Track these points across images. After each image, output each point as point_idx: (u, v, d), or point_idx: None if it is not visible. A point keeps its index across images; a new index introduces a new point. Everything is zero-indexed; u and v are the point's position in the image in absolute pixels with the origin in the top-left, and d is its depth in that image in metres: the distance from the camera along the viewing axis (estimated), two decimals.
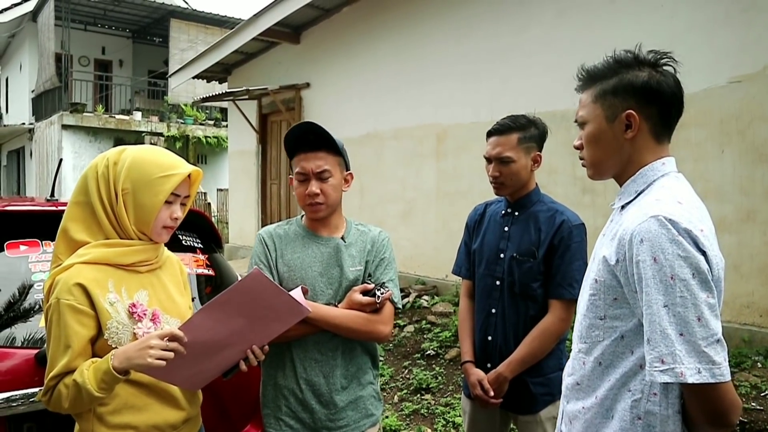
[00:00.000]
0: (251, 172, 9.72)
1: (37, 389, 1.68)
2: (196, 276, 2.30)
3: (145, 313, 1.51)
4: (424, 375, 4.27)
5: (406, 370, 4.49)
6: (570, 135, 4.24)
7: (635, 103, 1.26)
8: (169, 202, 1.53)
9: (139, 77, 18.45)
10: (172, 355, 1.37)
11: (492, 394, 2.01)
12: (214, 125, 16.29)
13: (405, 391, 4.17)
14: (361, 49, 7.31)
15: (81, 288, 1.43)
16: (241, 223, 10.12)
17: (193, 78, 10.52)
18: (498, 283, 2.09)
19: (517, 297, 2.05)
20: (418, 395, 4.08)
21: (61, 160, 3.01)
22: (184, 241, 2.36)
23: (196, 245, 2.42)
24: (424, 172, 6.48)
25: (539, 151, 2.09)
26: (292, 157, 1.86)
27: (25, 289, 1.98)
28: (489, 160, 2.09)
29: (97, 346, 1.46)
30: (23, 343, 1.90)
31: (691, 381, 1.07)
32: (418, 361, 4.61)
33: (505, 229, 2.11)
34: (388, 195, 6.96)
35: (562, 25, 5.07)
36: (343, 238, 1.88)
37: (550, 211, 2.06)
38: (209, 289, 2.36)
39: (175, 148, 14.48)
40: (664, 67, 1.29)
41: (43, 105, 16.59)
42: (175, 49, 15.80)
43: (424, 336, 5.01)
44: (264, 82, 8.67)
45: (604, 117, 1.30)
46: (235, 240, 10.28)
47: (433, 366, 4.47)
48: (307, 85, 8.28)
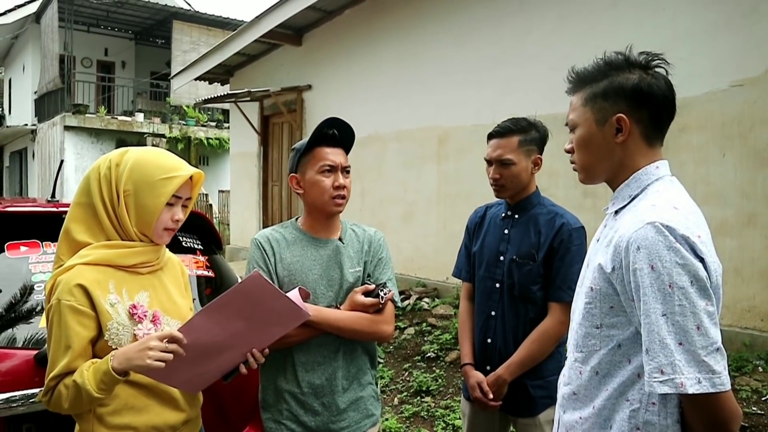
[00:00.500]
0: (253, 174, 9.72)
1: (37, 390, 1.68)
2: (196, 277, 2.30)
3: (145, 315, 1.51)
4: (424, 377, 4.27)
5: (407, 373, 4.49)
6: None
7: (626, 107, 1.23)
8: (170, 204, 1.54)
9: (141, 79, 18.49)
10: (171, 356, 1.37)
11: (491, 396, 2.01)
12: (216, 127, 16.32)
13: (405, 393, 4.17)
14: (363, 51, 7.31)
15: (82, 289, 1.43)
16: (243, 225, 10.13)
17: (195, 79, 10.54)
18: (498, 285, 2.09)
19: (517, 300, 2.04)
20: (418, 398, 4.08)
21: (62, 161, 3.01)
22: (184, 243, 2.36)
23: (196, 246, 2.43)
24: (425, 174, 6.48)
25: (540, 153, 2.09)
26: (309, 150, 1.81)
27: (26, 290, 1.99)
28: (489, 162, 2.09)
29: (98, 347, 1.46)
30: (23, 344, 1.91)
31: (691, 391, 1.05)
32: (419, 363, 4.61)
33: (505, 231, 2.11)
34: (389, 197, 6.96)
35: (563, 28, 5.07)
36: (340, 239, 1.88)
37: (550, 214, 2.06)
38: (209, 290, 2.36)
39: (177, 150, 14.51)
40: (656, 69, 1.25)
41: (45, 106, 16.63)
42: (178, 50, 15.83)
43: (425, 338, 5.00)
44: (266, 84, 8.68)
45: (594, 120, 1.27)
46: (236, 241, 10.29)
47: (434, 368, 4.46)
48: (309, 87, 8.29)
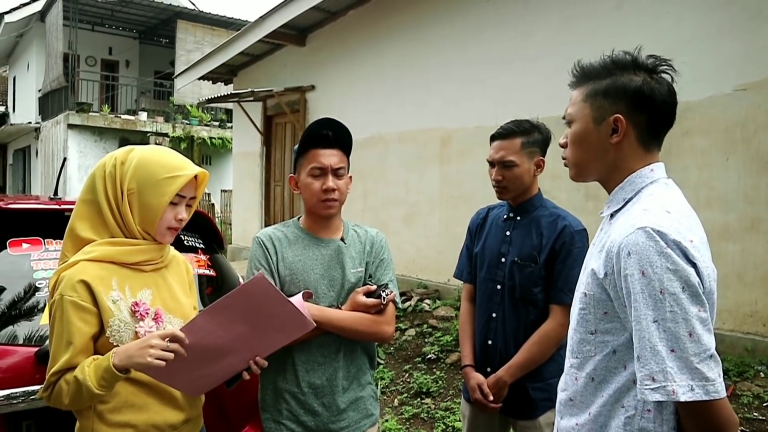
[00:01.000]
0: (255, 174, 9.73)
1: (37, 387, 1.69)
2: (198, 276, 2.31)
3: (147, 312, 1.51)
4: (425, 379, 4.26)
5: (407, 374, 4.48)
6: None
7: (625, 108, 1.22)
8: (174, 203, 1.54)
9: (145, 78, 18.53)
10: (172, 355, 1.37)
11: (491, 398, 2.00)
12: (219, 126, 16.35)
13: (405, 394, 4.16)
14: (367, 52, 7.32)
15: (85, 285, 1.44)
16: (245, 225, 10.14)
17: (198, 79, 10.55)
18: (499, 287, 2.08)
19: (518, 301, 2.04)
20: (419, 399, 4.07)
21: (65, 159, 3.02)
22: (186, 242, 2.37)
23: (197, 245, 2.43)
24: (427, 175, 6.47)
25: (542, 156, 2.09)
26: (304, 151, 1.81)
27: (27, 287, 1.99)
28: (492, 163, 2.09)
29: (100, 343, 1.46)
30: (24, 341, 1.91)
31: (683, 399, 1.04)
32: (419, 364, 4.60)
33: (507, 233, 2.11)
34: (391, 198, 6.96)
35: (567, 30, 5.07)
36: (342, 239, 1.87)
37: (552, 216, 2.06)
38: (210, 289, 2.36)
39: (180, 149, 14.50)
40: (662, 74, 1.24)
41: (49, 104, 16.67)
42: (182, 50, 15.86)
43: (425, 340, 5.00)
44: (269, 84, 8.69)
45: (591, 118, 1.25)
46: (238, 241, 10.30)
47: (434, 370, 4.46)
48: (312, 87, 8.30)
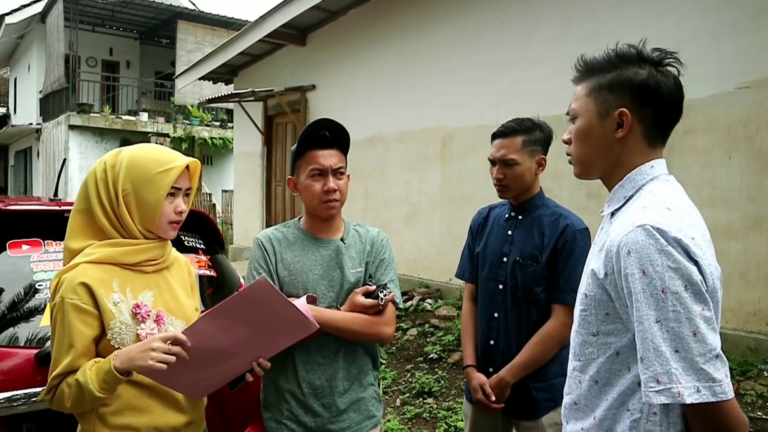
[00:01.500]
0: (256, 174, 9.73)
1: (38, 389, 1.68)
2: (198, 277, 2.30)
3: (148, 314, 1.51)
4: (427, 379, 4.26)
5: (409, 374, 4.48)
6: None
7: (630, 102, 1.19)
8: (171, 194, 1.54)
9: (146, 78, 18.54)
10: (173, 358, 1.36)
11: (493, 398, 1.99)
12: (220, 126, 16.35)
13: (407, 394, 4.16)
14: (367, 51, 7.31)
15: (85, 287, 1.43)
16: (246, 225, 10.13)
17: (199, 79, 10.56)
18: (501, 287, 2.07)
19: (520, 301, 2.03)
20: (421, 399, 4.06)
21: (64, 160, 3.02)
22: (186, 242, 2.36)
23: (198, 246, 2.42)
24: (428, 175, 6.46)
25: (544, 154, 2.08)
26: (302, 153, 1.80)
27: (27, 289, 1.98)
28: (493, 162, 2.08)
29: (101, 346, 1.46)
30: (24, 343, 1.90)
31: (689, 401, 1.00)
32: (421, 364, 4.59)
33: (509, 232, 2.10)
34: (392, 198, 6.95)
35: (568, 29, 5.06)
36: (342, 239, 1.86)
37: (554, 215, 2.05)
38: (211, 290, 2.36)
39: (181, 149, 14.51)
40: (668, 67, 1.21)
41: (50, 105, 16.69)
42: (182, 50, 15.87)
43: (427, 339, 4.99)
44: (270, 84, 8.69)
45: (595, 112, 1.22)
46: (240, 241, 10.30)
47: (436, 370, 4.45)
48: (313, 87, 8.29)
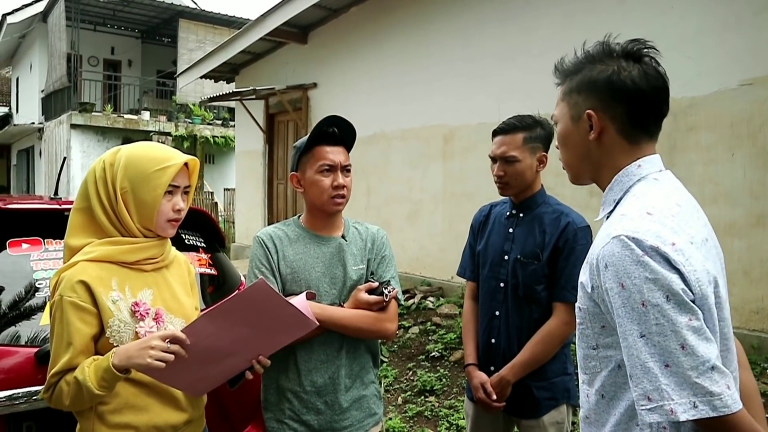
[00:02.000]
0: (258, 172, 9.73)
1: (38, 388, 1.68)
2: (199, 275, 2.30)
3: (147, 312, 1.51)
4: (429, 377, 4.25)
5: (411, 372, 4.47)
6: None
7: (597, 102, 1.15)
8: (169, 193, 1.53)
9: (147, 77, 18.55)
10: (172, 357, 1.36)
11: (495, 397, 1.98)
12: (222, 125, 16.36)
13: (409, 392, 4.15)
14: (369, 49, 7.30)
15: (84, 285, 1.43)
16: (248, 223, 10.14)
17: (201, 78, 10.56)
18: (502, 285, 2.06)
19: (521, 300, 2.02)
20: (422, 397, 4.06)
21: (65, 159, 3.02)
22: (186, 240, 2.36)
23: (198, 244, 2.42)
24: (430, 173, 6.46)
25: (545, 151, 2.07)
26: (309, 149, 1.80)
27: (27, 288, 1.98)
28: (494, 159, 2.07)
29: (100, 344, 1.46)
30: (24, 342, 1.90)
31: (683, 418, 0.95)
32: (423, 362, 4.59)
33: (510, 230, 2.09)
34: (394, 196, 6.94)
35: (569, 26, 5.03)
36: (343, 236, 1.86)
37: (555, 213, 2.03)
38: (211, 288, 2.36)
39: (183, 148, 14.52)
40: (644, 59, 1.14)
41: (52, 104, 16.72)
42: (184, 49, 15.88)
43: (429, 338, 4.99)
44: (271, 82, 8.68)
45: (569, 117, 1.20)
46: (242, 239, 10.30)
47: (438, 368, 4.44)
48: (314, 85, 8.28)
